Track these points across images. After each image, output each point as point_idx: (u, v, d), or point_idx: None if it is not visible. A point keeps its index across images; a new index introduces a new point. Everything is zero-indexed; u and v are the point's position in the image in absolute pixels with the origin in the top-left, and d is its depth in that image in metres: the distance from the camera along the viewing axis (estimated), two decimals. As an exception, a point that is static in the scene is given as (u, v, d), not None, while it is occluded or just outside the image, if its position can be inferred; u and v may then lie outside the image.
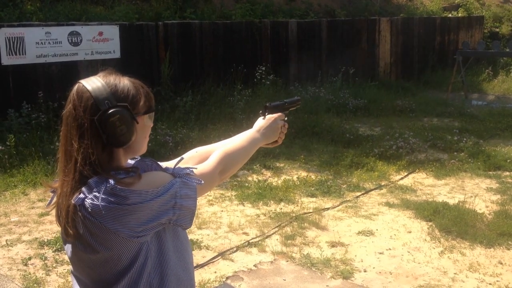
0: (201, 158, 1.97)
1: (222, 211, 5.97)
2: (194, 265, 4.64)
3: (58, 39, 9.09)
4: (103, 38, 9.61)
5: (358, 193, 6.61)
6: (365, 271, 4.61)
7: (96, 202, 1.49)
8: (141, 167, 1.62)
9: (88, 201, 1.50)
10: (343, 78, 12.59)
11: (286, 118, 2.11)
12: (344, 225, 5.62)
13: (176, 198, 1.57)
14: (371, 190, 6.76)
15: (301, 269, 4.62)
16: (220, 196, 6.42)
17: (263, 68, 11.08)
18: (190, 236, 5.17)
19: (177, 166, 1.66)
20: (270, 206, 6.10)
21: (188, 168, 1.66)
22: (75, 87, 1.59)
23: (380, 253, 4.95)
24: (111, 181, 1.50)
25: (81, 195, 1.52)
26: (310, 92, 11.60)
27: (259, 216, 5.80)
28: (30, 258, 4.81)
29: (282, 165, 7.66)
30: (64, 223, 1.56)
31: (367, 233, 5.40)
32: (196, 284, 4.29)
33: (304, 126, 9.46)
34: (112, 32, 9.70)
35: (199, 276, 4.44)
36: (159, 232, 1.60)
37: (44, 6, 10.04)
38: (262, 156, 7.91)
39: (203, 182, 1.64)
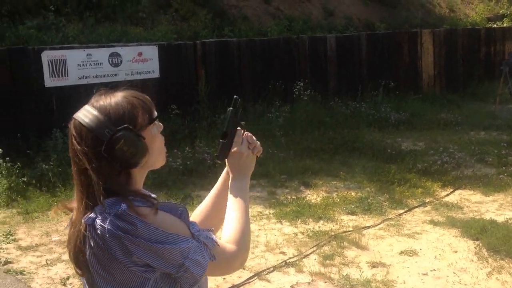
0: (201, 216, 1.85)
1: (259, 229, 5.85)
2: (230, 285, 4.56)
3: (99, 60, 9.25)
4: (142, 59, 9.73)
5: (401, 211, 6.38)
6: (407, 293, 4.41)
7: (103, 224, 1.43)
8: (167, 207, 1.52)
9: (98, 221, 1.44)
10: (384, 92, 12.36)
11: (243, 130, 1.80)
12: (385, 244, 5.42)
13: (186, 259, 1.46)
14: (415, 207, 6.52)
15: (340, 291, 4.46)
16: (258, 214, 6.31)
17: (301, 84, 10.98)
18: (227, 256, 5.08)
19: (203, 230, 1.56)
20: (308, 224, 5.96)
21: (212, 239, 1.55)
22: (71, 123, 1.52)
23: (424, 274, 4.72)
24: (124, 205, 1.44)
25: (93, 215, 1.46)
26: (351, 107, 11.43)
27: (297, 235, 5.66)
28: (68, 278, 4.80)
29: (321, 182, 7.49)
30: (72, 249, 1.51)
31: (410, 252, 5.18)
32: (232, 305, 4.19)
33: (344, 142, 9.29)
34: (151, 52, 9.82)
35: (234, 297, 4.34)
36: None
37: (86, 29, 10.26)
38: (301, 173, 7.78)
39: (215, 260, 1.52)
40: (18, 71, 8.57)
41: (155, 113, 1.58)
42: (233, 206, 1.69)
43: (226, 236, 1.61)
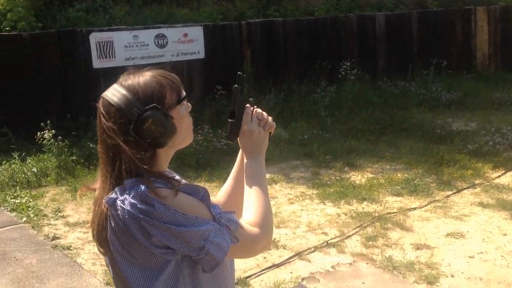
0: (225, 197, 1.81)
1: (302, 210, 5.80)
2: (270, 264, 4.54)
3: (145, 41, 9.35)
4: (188, 40, 9.76)
5: (449, 192, 6.18)
6: (452, 276, 4.27)
7: (123, 205, 1.41)
8: (188, 189, 1.49)
9: (118, 202, 1.42)
10: (436, 71, 11.97)
11: (253, 107, 1.68)
12: (431, 226, 5.27)
13: (207, 242, 1.43)
14: (464, 189, 6.30)
15: (381, 273, 4.36)
16: (301, 194, 6.26)
17: (348, 64, 10.77)
18: (268, 236, 5.06)
19: (225, 213, 1.51)
20: (352, 205, 5.86)
21: (234, 221, 1.50)
22: (100, 102, 1.50)
23: (471, 257, 4.57)
24: (143, 187, 1.42)
25: (113, 195, 1.44)
26: (400, 87, 11.15)
27: (339, 216, 5.58)
28: (112, 255, 4.89)
29: (366, 162, 7.35)
30: (96, 227, 1.51)
31: (457, 235, 5.02)
32: (271, 284, 4.17)
33: (392, 122, 9.08)
34: (196, 33, 9.83)
35: (274, 276, 4.32)
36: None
37: (132, 11, 10.36)
38: (346, 153, 7.66)
39: (239, 242, 1.49)
40: (67, 53, 8.76)
41: (184, 93, 1.54)
42: (252, 187, 1.63)
43: (247, 218, 1.57)
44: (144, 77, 1.49)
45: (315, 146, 7.93)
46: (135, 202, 1.40)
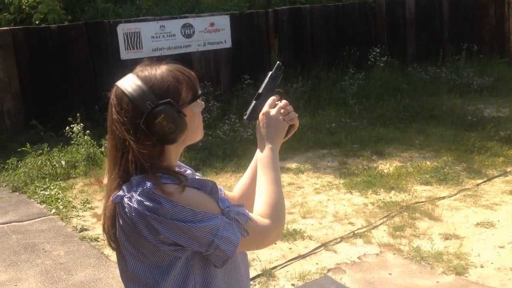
0: (241, 191, 1.80)
1: (328, 199, 5.75)
2: (296, 255, 4.52)
3: (172, 32, 9.37)
4: (214, 29, 9.74)
5: (479, 181, 6.04)
6: (482, 266, 4.18)
7: (130, 203, 1.40)
8: (196, 183, 1.47)
9: (125, 200, 1.41)
10: (467, 56, 11.69)
11: (279, 96, 1.68)
12: (460, 215, 5.16)
13: (216, 237, 1.41)
14: (495, 177, 6.15)
15: (409, 263, 4.30)
16: (328, 184, 6.20)
17: (378, 50, 10.59)
18: (294, 226, 5.04)
19: (234, 206, 1.49)
20: (379, 194, 5.78)
21: (244, 214, 1.48)
22: (113, 91, 1.48)
23: (501, 247, 4.46)
24: (150, 184, 1.40)
25: (121, 193, 1.43)
26: (430, 73, 10.94)
27: (366, 206, 5.51)
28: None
29: (394, 151, 7.23)
30: (105, 223, 1.51)
31: (487, 224, 4.90)
32: (297, 275, 4.15)
33: (421, 109, 8.92)
34: (223, 22, 9.80)
35: (300, 267, 4.30)
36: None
37: (159, 1, 10.39)
38: (374, 142, 7.55)
39: (249, 235, 1.47)
40: (95, 45, 8.85)
41: (199, 91, 1.52)
42: (263, 177, 1.59)
43: (258, 210, 1.54)
44: (161, 70, 1.47)
45: (342, 135, 7.84)
46: (141, 199, 1.38)
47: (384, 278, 4.10)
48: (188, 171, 1.68)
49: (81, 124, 7.28)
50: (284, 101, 1.67)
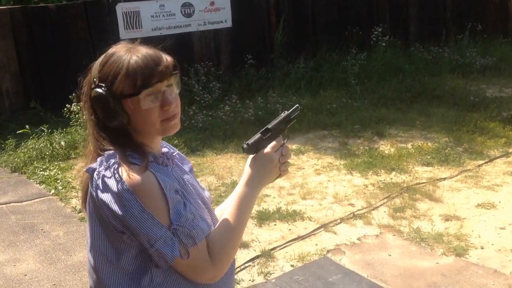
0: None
1: (328, 181, 5.72)
2: (295, 236, 4.50)
3: (172, 11, 9.25)
4: (214, 8, 9.62)
5: (481, 162, 6.00)
6: (482, 248, 4.16)
7: (97, 177, 1.39)
8: (163, 176, 1.42)
9: (95, 174, 1.41)
10: (471, 36, 11.56)
11: (285, 141, 1.63)
12: (461, 196, 5.13)
13: (152, 248, 1.39)
14: (496, 158, 6.11)
15: (409, 244, 4.28)
16: (328, 165, 6.17)
17: (380, 30, 10.47)
18: (294, 207, 5.02)
19: (190, 226, 1.41)
20: (380, 175, 5.75)
21: (194, 238, 1.41)
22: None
23: (502, 228, 4.44)
24: (113, 161, 1.40)
25: (93, 165, 1.43)
26: (432, 53, 10.82)
27: (367, 187, 5.48)
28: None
29: (396, 132, 7.18)
30: (82, 195, 1.53)
31: (488, 205, 4.88)
32: (296, 256, 4.14)
33: (423, 90, 8.84)
34: (223, 1, 9.67)
35: (299, 248, 4.28)
36: None
37: (159, -20, 10.23)
38: (375, 123, 7.50)
39: (189, 259, 1.41)
40: (94, 24, 8.75)
41: (153, 87, 1.40)
42: (236, 214, 1.53)
43: (214, 240, 1.48)
44: (125, 53, 1.41)
45: (343, 116, 7.79)
46: (105, 174, 1.38)
47: (384, 259, 4.08)
48: (163, 153, 1.61)
49: (80, 103, 7.21)
50: (286, 147, 1.62)
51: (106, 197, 1.37)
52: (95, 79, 1.42)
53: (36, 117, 7.83)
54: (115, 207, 1.36)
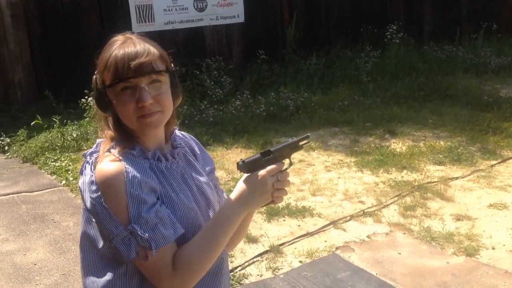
0: None
1: (339, 177, 5.70)
2: (304, 232, 4.48)
3: (184, 5, 9.25)
4: (227, 3, 9.61)
5: (494, 162, 5.94)
6: (493, 248, 4.11)
7: (84, 161, 1.44)
8: (138, 169, 1.40)
9: (84, 158, 1.46)
10: (485, 35, 11.45)
11: (287, 167, 1.52)
12: (473, 196, 5.08)
13: (111, 243, 1.37)
14: (509, 158, 6.04)
15: (419, 243, 4.25)
16: (339, 162, 6.14)
17: (394, 27, 10.39)
18: (303, 203, 5.00)
19: (147, 224, 1.35)
20: (391, 174, 5.71)
21: (158, 242, 1.35)
22: None
23: (514, 229, 4.40)
24: (95, 147, 1.46)
25: (89, 150, 1.48)
26: (446, 52, 10.74)
27: (377, 184, 5.45)
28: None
29: (408, 130, 7.13)
30: None
31: (500, 206, 4.83)
32: (305, 252, 4.12)
33: (436, 89, 8.77)
34: (236, -4, 9.66)
35: (308, 244, 4.26)
36: None
37: (172, -26, 10.23)
38: (387, 121, 7.45)
39: (147, 261, 1.36)
40: (107, 17, 8.77)
41: (129, 82, 1.39)
42: (208, 231, 1.45)
43: (184, 252, 1.41)
44: (117, 45, 1.44)
45: (355, 113, 7.75)
46: (86, 162, 1.42)
47: (393, 257, 4.05)
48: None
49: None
50: (285, 173, 1.51)
51: (81, 184, 1.41)
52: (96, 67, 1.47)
53: (48, 108, 7.86)
54: (84, 195, 1.39)
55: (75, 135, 6.94)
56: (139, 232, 1.34)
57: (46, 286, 3.78)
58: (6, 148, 6.93)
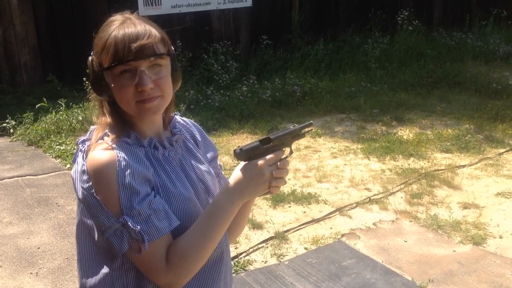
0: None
1: (345, 164, 5.65)
2: (310, 219, 4.44)
3: (192, -12, 9.15)
4: (235, -13, 9.50)
5: (502, 150, 5.88)
6: (500, 237, 4.07)
7: (77, 149, 1.40)
8: (132, 160, 1.33)
9: (80, 146, 1.41)
10: (495, 22, 11.31)
11: (287, 156, 1.43)
12: (481, 185, 5.03)
13: (103, 235, 1.33)
14: (518, 146, 5.99)
15: (425, 231, 4.21)
16: (345, 148, 6.09)
17: (406, 13, 10.24)
18: (309, 190, 4.96)
19: (139, 216, 1.29)
20: (397, 161, 5.66)
21: (152, 234, 1.29)
22: None
23: (521, 218, 4.35)
24: (88, 134, 1.40)
25: (83, 137, 1.42)
26: (456, 38, 10.62)
27: (384, 172, 5.40)
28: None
29: (415, 117, 7.07)
30: None
31: (508, 194, 4.77)
32: (310, 239, 4.09)
33: (445, 76, 8.68)
34: (244, -20, 9.55)
35: (313, 231, 4.23)
36: None
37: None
38: (394, 107, 7.39)
39: (138, 254, 1.30)
40: (113, 0, 8.68)
41: (128, 64, 1.32)
42: (202, 222, 1.37)
43: (178, 245, 1.34)
44: (116, 25, 1.35)
45: (362, 99, 7.67)
46: (79, 150, 1.37)
47: (400, 245, 4.02)
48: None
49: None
50: (285, 162, 1.42)
51: (73, 173, 1.36)
52: (92, 47, 1.40)
53: (53, 91, 7.83)
54: (76, 185, 1.34)
55: (80, 118, 6.90)
56: (130, 224, 1.28)
57: (49, 270, 3.77)
58: (11, 131, 6.90)
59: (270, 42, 9.27)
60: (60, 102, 7.02)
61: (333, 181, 5.22)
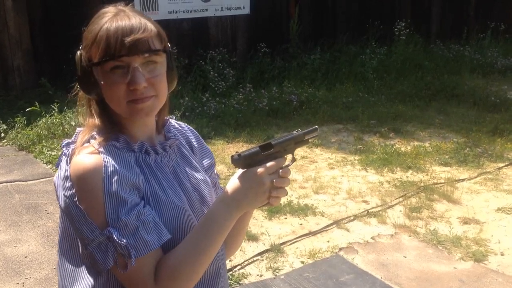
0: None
1: (342, 176, 5.54)
2: (306, 232, 4.33)
3: (189, -6, 9.06)
4: (233, -6, 9.42)
5: (501, 164, 5.79)
6: (502, 254, 3.97)
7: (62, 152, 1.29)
8: (120, 165, 1.21)
9: (64, 149, 1.30)
10: (493, 35, 11.29)
11: (289, 164, 1.32)
12: (481, 199, 4.94)
13: (86, 248, 1.20)
14: (517, 161, 5.91)
15: (425, 246, 4.10)
16: (342, 160, 5.98)
17: (403, 24, 10.20)
18: (306, 201, 4.85)
19: (126, 228, 1.17)
20: (396, 173, 5.56)
21: (138, 249, 1.17)
22: None
23: (523, 235, 4.25)
24: (74, 137, 1.29)
25: (68, 140, 1.31)
26: (453, 51, 10.58)
27: (382, 184, 5.29)
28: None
29: (413, 129, 6.98)
30: None
31: (508, 210, 4.68)
32: (307, 252, 3.98)
33: (442, 88, 8.61)
34: (242, -13, 9.47)
35: (310, 244, 4.12)
36: None
37: (177, -38, 10.05)
38: (392, 119, 7.30)
39: (124, 271, 1.18)
40: (110, 4, 8.58)
41: (120, 60, 1.21)
42: (196, 236, 1.25)
43: (167, 262, 1.22)
44: (108, 17, 1.23)
45: (359, 110, 7.58)
46: (63, 154, 1.26)
47: (399, 260, 3.91)
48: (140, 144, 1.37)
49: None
50: (287, 170, 1.30)
51: (56, 179, 1.24)
52: (81, 41, 1.29)
53: (45, 95, 7.68)
54: (58, 192, 1.22)
55: (73, 124, 6.76)
56: (115, 237, 1.15)
57: (36, 280, 3.63)
58: (2, 135, 6.75)
59: (267, 50, 9.18)
60: (52, 106, 6.88)
61: (330, 192, 5.11)
